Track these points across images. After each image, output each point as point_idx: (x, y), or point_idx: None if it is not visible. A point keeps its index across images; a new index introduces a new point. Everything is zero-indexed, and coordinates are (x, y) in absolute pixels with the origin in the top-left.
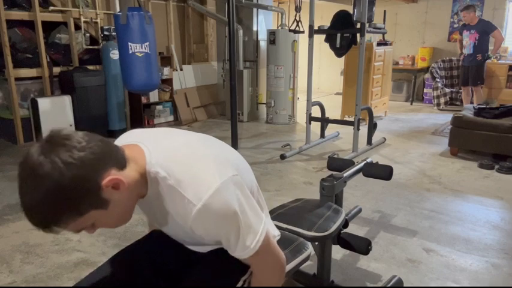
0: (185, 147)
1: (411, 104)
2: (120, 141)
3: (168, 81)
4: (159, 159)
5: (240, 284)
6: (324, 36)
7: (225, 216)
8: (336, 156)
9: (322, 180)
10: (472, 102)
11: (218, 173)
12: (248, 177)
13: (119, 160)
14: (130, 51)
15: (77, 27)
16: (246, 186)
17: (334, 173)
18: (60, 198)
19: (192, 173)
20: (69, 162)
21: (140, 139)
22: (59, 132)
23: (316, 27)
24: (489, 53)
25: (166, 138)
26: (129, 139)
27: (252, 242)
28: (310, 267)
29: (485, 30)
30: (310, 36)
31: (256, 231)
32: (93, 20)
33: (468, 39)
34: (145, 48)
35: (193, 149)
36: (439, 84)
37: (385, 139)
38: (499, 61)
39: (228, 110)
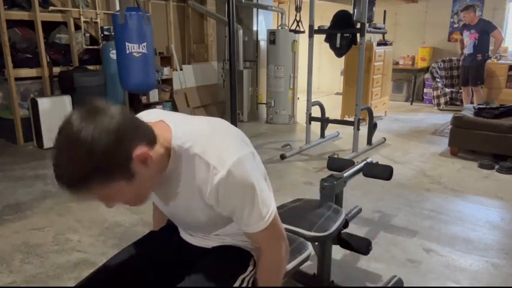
0: (206, 124)
1: (411, 104)
2: (141, 118)
3: (168, 81)
4: (184, 132)
5: (238, 282)
6: (324, 36)
7: (245, 185)
8: (336, 156)
9: (322, 180)
10: (472, 102)
11: (239, 146)
12: (259, 159)
13: (150, 136)
14: (127, 51)
15: (77, 27)
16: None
17: (334, 173)
18: (94, 161)
19: (216, 144)
20: (106, 130)
21: (163, 117)
22: (97, 104)
23: (316, 27)
24: (489, 53)
25: (185, 118)
26: (152, 116)
27: (266, 214)
28: (310, 267)
29: (486, 30)
30: (310, 36)
31: (269, 205)
32: (93, 20)
33: (468, 39)
34: (142, 49)
35: (214, 126)
36: (439, 84)
37: (385, 139)
38: (499, 61)
39: (228, 110)
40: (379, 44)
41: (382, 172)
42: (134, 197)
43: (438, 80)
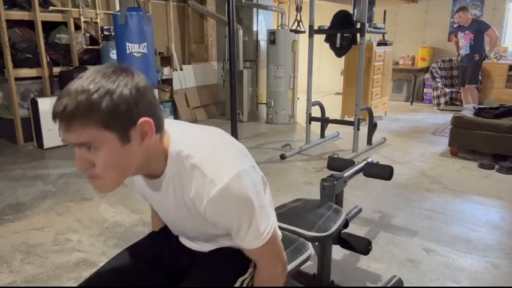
0: (205, 135)
1: (411, 104)
2: None
3: (168, 81)
4: (182, 140)
5: (238, 284)
6: (324, 36)
7: (243, 200)
8: (336, 156)
9: (323, 180)
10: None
11: (238, 161)
12: (259, 171)
13: (160, 122)
14: (128, 51)
15: (77, 27)
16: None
17: (334, 173)
18: (108, 101)
19: (215, 156)
20: (135, 84)
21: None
22: (132, 68)
23: (316, 27)
24: (486, 52)
25: (185, 126)
26: None
27: (264, 231)
28: (311, 267)
29: (480, 29)
30: (310, 36)
31: (268, 221)
32: (93, 20)
33: (464, 40)
34: (143, 49)
35: (214, 138)
36: (439, 84)
37: (385, 139)
38: (499, 61)
39: (228, 110)
40: (379, 44)
41: (382, 172)
42: (111, 167)
43: (438, 80)
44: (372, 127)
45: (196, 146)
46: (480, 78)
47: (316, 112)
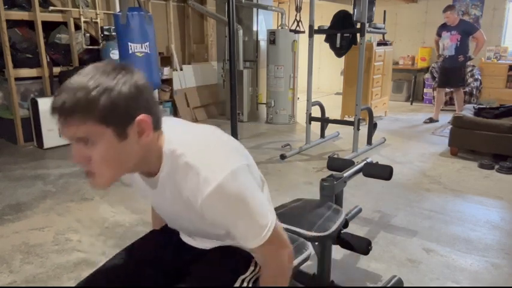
0: (201, 133)
1: (411, 104)
2: None
3: (168, 81)
4: (177, 139)
5: (238, 283)
6: (324, 36)
7: (238, 198)
8: (336, 156)
9: (322, 180)
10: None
11: (232, 159)
12: (255, 170)
13: (158, 119)
14: (130, 51)
15: (77, 27)
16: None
17: (334, 173)
18: (107, 98)
19: (208, 155)
20: (134, 82)
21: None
22: (130, 66)
23: (316, 27)
24: (470, 54)
25: (181, 125)
26: None
27: (265, 227)
28: (310, 267)
29: (467, 31)
30: (310, 36)
31: (267, 217)
32: (93, 20)
33: (449, 41)
34: (145, 48)
35: (208, 136)
36: None
37: (385, 139)
38: (499, 61)
39: (228, 110)
40: (379, 44)
41: (382, 172)
42: (107, 162)
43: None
44: (372, 127)
45: (190, 144)
46: (480, 78)
47: (316, 112)
